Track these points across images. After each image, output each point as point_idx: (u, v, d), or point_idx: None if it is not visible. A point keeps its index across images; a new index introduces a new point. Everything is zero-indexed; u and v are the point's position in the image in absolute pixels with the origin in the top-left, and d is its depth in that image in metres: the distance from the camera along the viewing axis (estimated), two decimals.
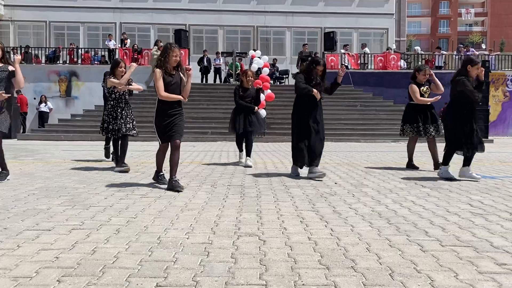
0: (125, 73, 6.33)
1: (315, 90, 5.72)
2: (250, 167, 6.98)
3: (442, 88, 6.73)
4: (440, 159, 6.11)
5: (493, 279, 2.22)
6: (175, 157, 4.84)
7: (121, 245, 2.72)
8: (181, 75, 4.90)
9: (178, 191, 4.63)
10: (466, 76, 5.56)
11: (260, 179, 5.69)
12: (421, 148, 7.78)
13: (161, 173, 5.17)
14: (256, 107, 7.21)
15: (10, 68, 5.24)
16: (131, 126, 6.45)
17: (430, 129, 6.67)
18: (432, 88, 6.83)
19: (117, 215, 3.56)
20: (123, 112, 6.40)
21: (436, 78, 6.80)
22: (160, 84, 4.73)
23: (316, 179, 5.63)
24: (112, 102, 6.39)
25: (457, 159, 6.07)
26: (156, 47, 18.89)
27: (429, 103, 6.72)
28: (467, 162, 5.69)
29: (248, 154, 7.26)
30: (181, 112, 4.94)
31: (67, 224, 3.24)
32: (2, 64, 5.23)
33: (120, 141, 6.44)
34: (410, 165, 6.95)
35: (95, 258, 2.48)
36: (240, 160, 7.44)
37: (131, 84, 6.47)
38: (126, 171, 6.20)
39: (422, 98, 6.69)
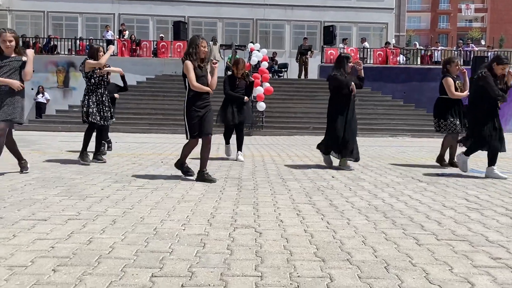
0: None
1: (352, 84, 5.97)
2: (242, 161, 6.82)
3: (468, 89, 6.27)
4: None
5: (488, 273, 2.22)
6: (207, 151, 4.88)
7: (117, 236, 2.72)
8: (211, 67, 4.93)
9: (213, 182, 4.77)
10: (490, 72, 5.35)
11: (257, 172, 5.69)
12: (417, 143, 7.77)
13: (186, 165, 5.14)
14: (246, 97, 6.91)
15: (24, 58, 4.98)
16: (109, 115, 6.27)
17: (463, 124, 6.28)
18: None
19: (114, 206, 3.56)
20: (104, 98, 6.14)
21: (467, 77, 6.35)
22: (193, 75, 4.68)
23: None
24: (91, 87, 6.06)
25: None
26: (212, 42, 19.10)
27: (463, 97, 6.26)
28: (491, 162, 5.49)
29: (240, 147, 7.05)
30: (210, 105, 4.94)
31: (63, 214, 3.24)
32: (16, 55, 4.95)
33: (98, 131, 6.28)
34: (442, 163, 6.52)
35: (91, 248, 2.48)
36: (228, 153, 7.17)
37: (109, 66, 6.24)
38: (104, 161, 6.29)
39: (457, 93, 6.19)
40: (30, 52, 5.07)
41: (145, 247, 2.52)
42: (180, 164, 5.11)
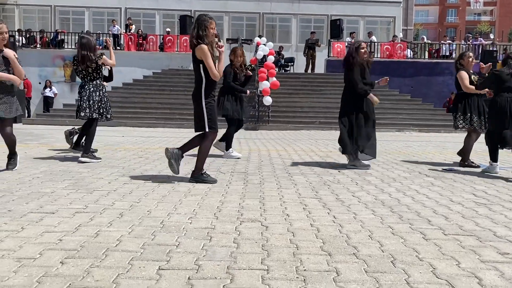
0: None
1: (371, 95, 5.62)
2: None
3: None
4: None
5: (495, 268, 2.21)
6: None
7: (124, 229, 2.74)
8: (217, 52, 4.34)
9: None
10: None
11: (263, 167, 5.69)
12: (424, 138, 7.69)
13: (204, 171, 4.50)
14: (248, 92, 6.56)
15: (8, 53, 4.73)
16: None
17: (483, 121, 5.95)
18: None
19: (121, 199, 3.58)
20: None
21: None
22: (212, 61, 4.16)
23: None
24: (101, 81, 5.84)
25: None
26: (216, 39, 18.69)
27: (480, 92, 5.89)
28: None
29: (231, 144, 6.58)
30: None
31: (71, 208, 3.26)
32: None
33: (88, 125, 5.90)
34: (466, 164, 6.02)
35: (98, 241, 2.50)
36: (228, 152, 6.50)
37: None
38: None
39: (471, 86, 5.88)
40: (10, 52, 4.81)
41: (152, 240, 2.53)
42: (201, 173, 4.44)
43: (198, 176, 4.43)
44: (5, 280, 1.94)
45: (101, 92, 5.77)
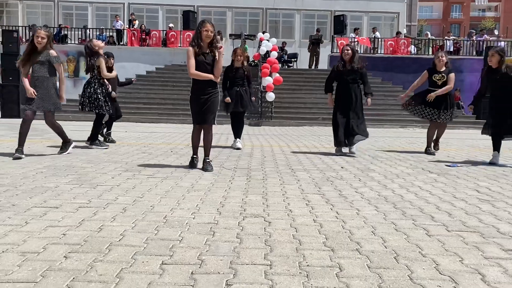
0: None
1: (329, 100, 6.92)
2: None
3: (449, 87, 6.79)
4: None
5: (499, 264, 2.21)
6: (208, 138, 4.95)
7: (128, 224, 2.75)
8: (215, 53, 4.69)
9: (208, 171, 4.78)
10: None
11: (266, 162, 5.69)
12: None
13: (195, 156, 5.08)
14: (237, 88, 7.03)
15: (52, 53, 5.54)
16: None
17: (441, 115, 6.81)
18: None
19: (124, 194, 3.59)
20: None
21: (449, 84, 6.79)
22: (191, 63, 4.64)
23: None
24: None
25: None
26: (219, 37, 19.06)
27: (429, 96, 6.72)
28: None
29: (238, 135, 7.28)
30: (215, 93, 4.85)
31: (74, 202, 3.27)
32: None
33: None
34: (427, 151, 7.04)
35: (102, 235, 2.51)
36: (235, 145, 7.20)
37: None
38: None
39: (415, 85, 7.03)
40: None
41: (155, 235, 2.54)
42: (192, 157, 5.10)
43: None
44: (9, 274, 1.96)
45: (102, 89, 6.77)
